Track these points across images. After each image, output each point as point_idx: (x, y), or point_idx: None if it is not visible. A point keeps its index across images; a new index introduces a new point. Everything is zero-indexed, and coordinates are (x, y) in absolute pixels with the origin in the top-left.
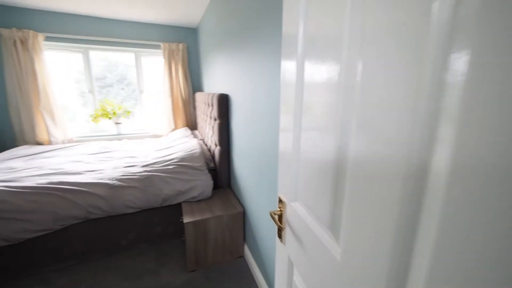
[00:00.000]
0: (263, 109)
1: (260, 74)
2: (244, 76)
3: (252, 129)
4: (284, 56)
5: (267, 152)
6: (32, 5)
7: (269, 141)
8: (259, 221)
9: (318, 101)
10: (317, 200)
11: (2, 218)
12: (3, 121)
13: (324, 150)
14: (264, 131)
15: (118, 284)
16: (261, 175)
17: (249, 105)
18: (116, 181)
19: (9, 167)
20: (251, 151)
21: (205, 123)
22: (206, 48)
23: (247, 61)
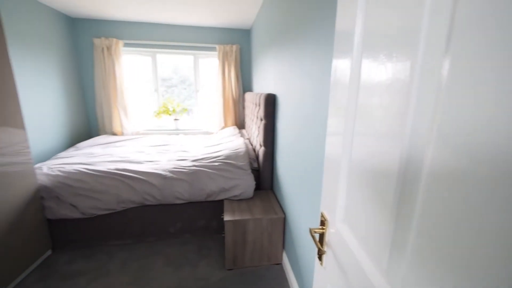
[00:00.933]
0: (309, 110)
1: (309, 73)
2: (292, 76)
3: (297, 131)
4: (337, 54)
5: (311, 158)
6: (116, 18)
7: (315, 146)
8: (300, 231)
9: (379, 104)
10: (371, 227)
11: (80, 195)
12: (92, 115)
13: (384, 159)
14: (310, 134)
15: (163, 268)
16: (303, 183)
17: (295, 106)
18: (169, 173)
19: (90, 153)
20: (294, 154)
21: (252, 123)
22: (257, 48)
23: (296, 60)
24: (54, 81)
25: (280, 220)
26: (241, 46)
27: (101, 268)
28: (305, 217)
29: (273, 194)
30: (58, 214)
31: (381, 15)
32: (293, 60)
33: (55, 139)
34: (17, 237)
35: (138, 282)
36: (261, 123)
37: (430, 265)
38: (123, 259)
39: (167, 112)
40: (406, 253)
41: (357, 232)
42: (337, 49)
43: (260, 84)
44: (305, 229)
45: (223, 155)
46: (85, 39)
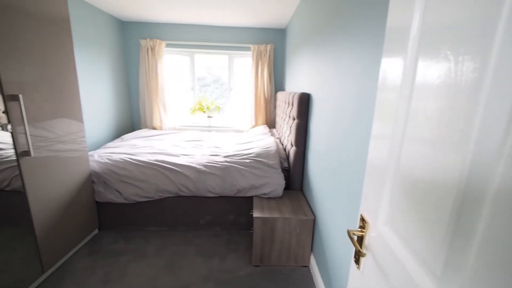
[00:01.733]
0: (348, 110)
1: (349, 72)
2: (330, 75)
3: (334, 132)
4: (387, 52)
5: (348, 160)
6: (160, 20)
7: (354, 148)
8: (331, 234)
9: (437, 108)
10: (422, 234)
11: (125, 182)
12: (135, 110)
13: (440, 167)
14: (348, 136)
15: (193, 257)
16: (338, 184)
17: (332, 106)
18: (202, 167)
19: (133, 144)
20: (329, 155)
21: (283, 122)
22: (292, 47)
23: (334, 58)
24: (105, 79)
25: (309, 222)
26: (275, 45)
27: (139, 251)
28: (338, 220)
29: (303, 195)
30: (105, 198)
31: (447, 5)
32: (330, 59)
33: (104, 131)
34: (72, 215)
35: (171, 267)
36: (294, 122)
37: (493, 277)
38: (158, 245)
39: (201, 109)
40: (465, 263)
41: (405, 238)
42: (387, 47)
43: (293, 83)
44: (337, 231)
45: (254, 152)
46: (133, 40)
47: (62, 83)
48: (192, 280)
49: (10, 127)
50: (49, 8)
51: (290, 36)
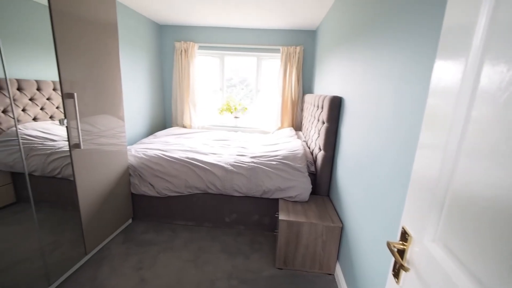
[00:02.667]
0: (386, 117)
1: (388, 75)
2: (365, 78)
3: (368, 138)
4: (442, 55)
5: (385, 168)
6: (194, 23)
7: (391, 156)
8: (361, 244)
9: (505, 117)
10: (480, 253)
11: (158, 176)
12: (167, 109)
13: (505, 184)
14: (385, 143)
15: (218, 254)
16: (371, 192)
17: (367, 111)
18: (230, 166)
19: (165, 141)
20: (362, 162)
21: (311, 125)
22: (322, 49)
23: (370, 61)
24: (143, 78)
25: (337, 229)
26: (305, 47)
27: (168, 242)
28: (370, 230)
29: (330, 201)
30: (140, 190)
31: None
32: (366, 62)
33: (139, 127)
34: (111, 204)
35: (197, 261)
36: (323, 126)
37: None
38: (185, 238)
39: (229, 110)
40: None
41: (459, 256)
42: (443, 49)
43: (323, 86)
44: (369, 242)
45: (280, 155)
46: (168, 43)
47: (108, 82)
48: (217, 276)
49: (66, 121)
50: (100, 14)
51: (321, 38)
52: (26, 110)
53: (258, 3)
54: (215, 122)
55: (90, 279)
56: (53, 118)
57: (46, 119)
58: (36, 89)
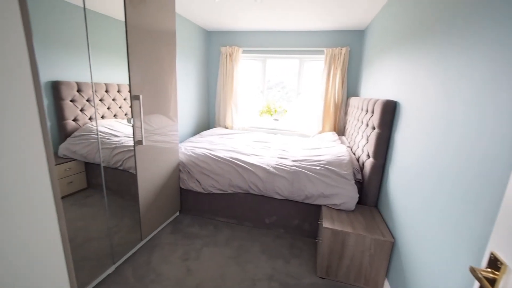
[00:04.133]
0: (461, 127)
1: (460, 78)
2: (430, 83)
3: (435, 149)
4: None
5: (462, 185)
6: (239, 28)
7: (472, 172)
8: (420, 264)
9: None
10: None
11: (204, 174)
12: (212, 110)
13: None
14: (459, 156)
15: (258, 254)
16: (438, 210)
17: (432, 118)
18: (272, 168)
19: (210, 140)
20: (425, 175)
21: (357, 130)
22: (372, 50)
23: (436, 60)
24: (191, 81)
25: (387, 244)
26: (351, 48)
27: (211, 237)
28: (436, 250)
29: (378, 213)
30: (187, 185)
31: None
32: (432, 63)
33: (186, 126)
34: (162, 196)
35: (238, 259)
36: (373, 132)
37: None
38: (227, 235)
39: (269, 112)
40: None
41: None
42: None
43: (372, 89)
44: (433, 263)
45: (324, 160)
46: (215, 48)
47: (165, 85)
48: (258, 276)
49: (133, 120)
50: (162, 25)
51: (371, 38)
52: (97, 109)
53: (307, 6)
54: (255, 123)
55: (145, 262)
56: (116, 116)
57: (111, 117)
58: (105, 91)
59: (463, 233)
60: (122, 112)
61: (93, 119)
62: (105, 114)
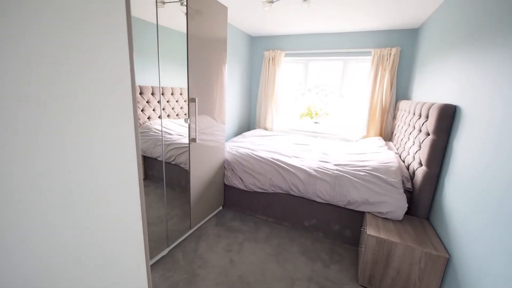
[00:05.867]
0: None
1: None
2: (496, 85)
3: (503, 161)
4: None
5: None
6: (281, 33)
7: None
8: (478, 285)
9: None
10: None
11: (247, 172)
12: (253, 112)
13: None
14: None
15: (297, 255)
16: (503, 226)
17: (502, 127)
18: (313, 171)
19: (252, 141)
20: (491, 188)
21: (407, 136)
22: (428, 50)
23: (507, 61)
24: (236, 84)
25: (441, 260)
26: (402, 48)
27: (252, 233)
28: (496, 272)
29: (430, 225)
30: (231, 182)
31: None
32: (501, 65)
33: (230, 127)
34: (209, 191)
35: (277, 257)
36: (427, 138)
37: None
38: (267, 233)
39: (309, 115)
40: None
41: None
42: None
43: (426, 92)
44: (484, 279)
45: (370, 166)
46: (258, 52)
47: (215, 89)
48: (297, 276)
49: (189, 120)
50: (216, 33)
51: (427, 37)
52: (161, 110)
53: (357, 5)
54: (295, 126)
55: (193, 249)
56: (169, 116)
57: (165, 117)
58: (161, 94)
59: None
60: (174, 112)
61: (151, 118)
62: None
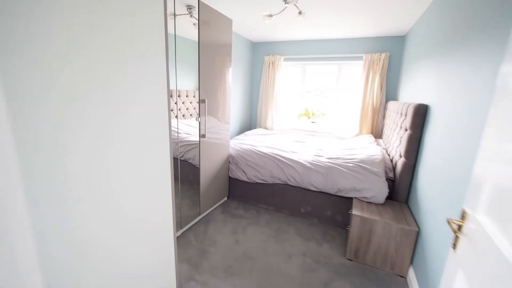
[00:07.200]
0: (465, 125)
1: (475, 83)
2: (450, 87)
3: (455, 146)
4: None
5: (457, 173)
6: (281, 39)
7: (465, 162)
8: (437, 249)
9: None
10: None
11: (249, 165)
12: (254, 112)
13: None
14: (461, 150)
15: (294, 236)
16: (449, 198)
17: (452, 119)
18: (308, 164)
19: (253, 139)
20: (446, 170)
21: (392, 133)
22: (411, 56)
23: (465, 66)
24: (238, 87)
25: (412, 233)
26: (391, 53)
27: (254, 219)
28: (444, 233)
29: (407, 208)
30: (235, 175)
31: None
32: (463, 70)
33: (232, 126)
34: (215, 183)
35: (277, 237)
36: (405, 133)
37: None
38: (267, 219)
39: (307, 115)
40: None
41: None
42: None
43: (409, 93)
44: (440, 244)
45: (358, 158)
46: (259, 57)
47: (221, 91)
48: (293, 252)
49: (199, 119)
50: (222, 40)
51: (411, 44)
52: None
53: (350, 16)
54: (293, 125)
55: (203, 232)
56: (176, 117)
57: (173, 117)
58: (178, 96)
59: None
60: (180, 113)
61: None
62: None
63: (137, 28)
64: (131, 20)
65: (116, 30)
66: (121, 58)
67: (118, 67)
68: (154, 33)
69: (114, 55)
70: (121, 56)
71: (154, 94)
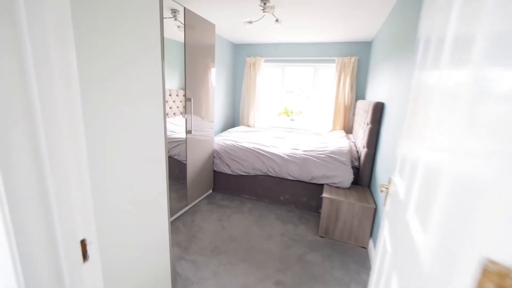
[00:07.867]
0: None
1: (405, 85)
2: (397, 86)
3: (397, 135)
4: (420, 66)
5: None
6: (261, 41)
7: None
8: None
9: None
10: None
11: (232, 159)
12: (236, 111)
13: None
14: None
15: (273, 220)
16: None
17: (398, 113)
18: (286, 156)
19: (237, 135)
20: (391, 155)
21: (359, 128)
22: (375, 59)
23: (401, 70)
24: (221, 87)
25: (371, 210)
26: (360, 57)
27: (238, 208)
28: None
29: (369, 191)
30: (220, 168)
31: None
32: (400, 71)
33: (218, 124)
34: (201, 176)
35: (259, 222)
36: (367, 127)
37: None
38: (250, 207)
39: (286, 113)
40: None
41: (403, 188)
42: (420, 60)
43: (373, 93)
44: None
45: (329, 150)
46: (241, 58)
47: (206, 90)
48: (273, 233)
49: (186, 116)
50: (207, 41)
51: (375, 49)
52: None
53: (320, 24)
54: (274, 123)
55: (190, 220)
56: None
57: None
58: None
59: None
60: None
61: None
62: None
63: (137, 31)
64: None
65: (116, 32)
66: (125, 57)
67: (118, 67)
68: (151, 36)
69: (115, 55)
70: (124, 56)
71: (151, 93)
